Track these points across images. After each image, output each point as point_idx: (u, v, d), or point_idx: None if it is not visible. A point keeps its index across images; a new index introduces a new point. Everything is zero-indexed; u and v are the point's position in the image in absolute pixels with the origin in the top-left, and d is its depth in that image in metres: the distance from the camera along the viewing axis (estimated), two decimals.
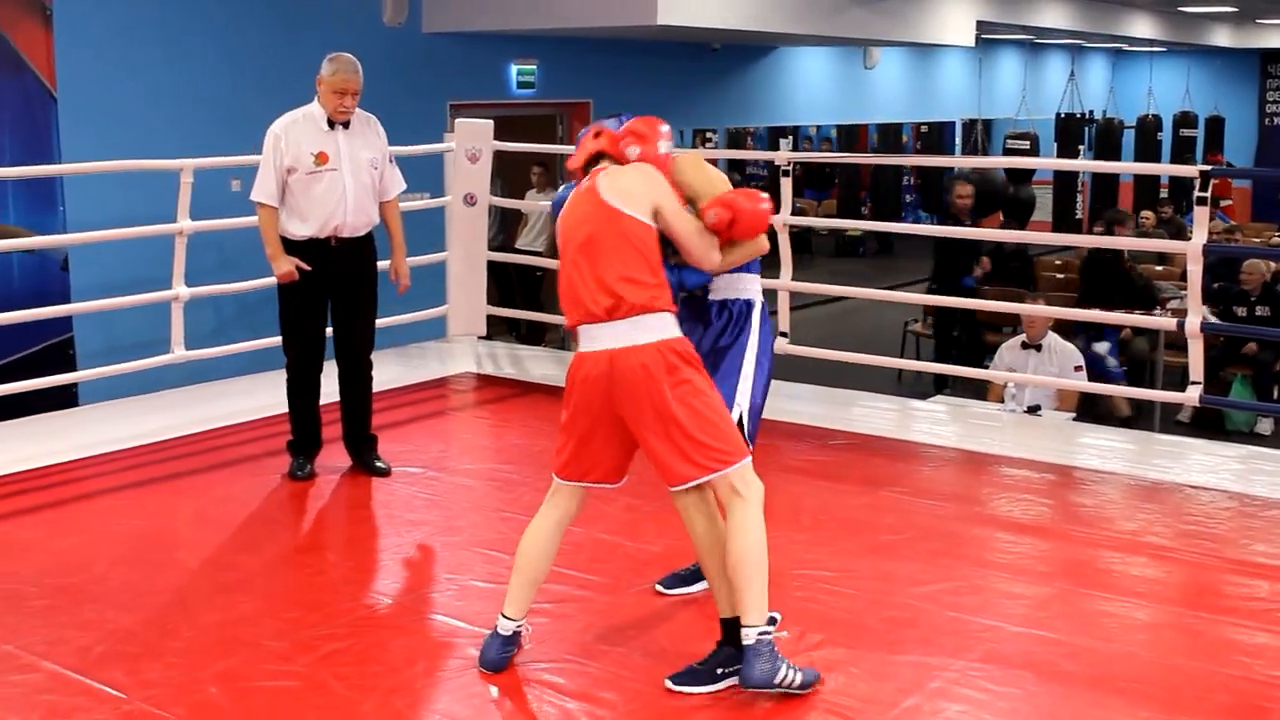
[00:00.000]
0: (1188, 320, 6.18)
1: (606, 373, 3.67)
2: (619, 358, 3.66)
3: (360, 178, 5.62)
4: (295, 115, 5.64)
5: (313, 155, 5.52)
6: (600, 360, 3.69)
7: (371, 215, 5.72)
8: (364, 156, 5.64)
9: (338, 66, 5.57)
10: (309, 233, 5.56)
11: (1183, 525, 5.26)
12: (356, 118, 5.68)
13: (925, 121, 19.77)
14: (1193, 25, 19.90)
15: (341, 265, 5.66)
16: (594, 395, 3.72)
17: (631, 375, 3.64)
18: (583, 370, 3.74)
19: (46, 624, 4.24)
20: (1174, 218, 15.83)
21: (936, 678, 3.89)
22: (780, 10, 11.18)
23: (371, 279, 5.82)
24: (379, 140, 5.76)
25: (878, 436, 6.53)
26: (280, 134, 5.58)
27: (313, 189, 5.53)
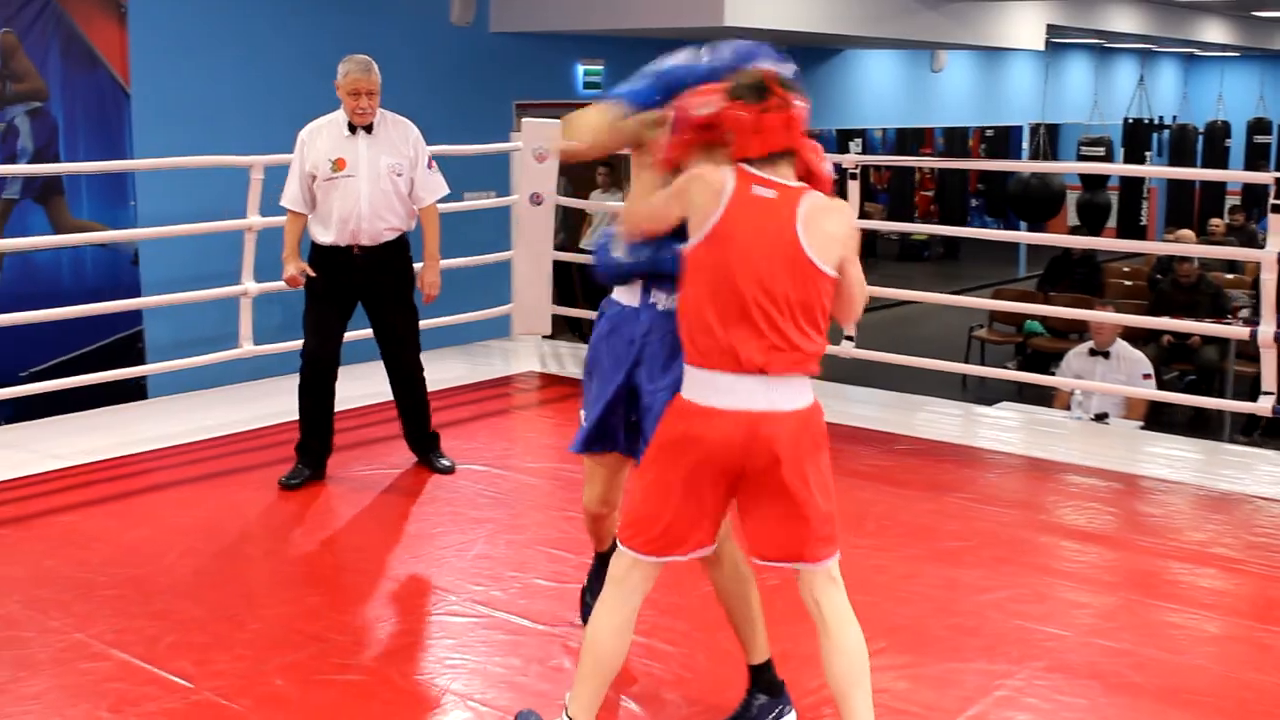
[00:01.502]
0: (1260, 329, 6.11)
1: (745, 441, 3.09)
2: (764, 423, 3.09)
3: (379, 184, 5.48)
4: (322, 120, 5.58)
5: (330, 162, 5.45)
6: (740, 423, 3.09)
7: (394, 222, 5.55)
8: (384, 162, 5.50)
9: (349, 68, 5.46)
10: (330, 239, 5.50)
11: (1252, 537, 5.19)
12: (384, 121, 5.57)
13: (991, 125, 19.64)
14: (1266, 30, 19.64)
15: (368, 274, 5.56)
16: (719, 462, 3.12)
17: (777, 444, 3.09)
18: (711, 430, 3.10)
19: (115, 613, 4.29)
20: (1245, 225, 15.64)
21: (1001, 686, 3.86)
22: (848, 12, 11.14)
23: (402, 284, 5.68)
24: (405, 145, 5.59)
25: (943, 442, 6.49)
26: (305, 139, 5.54)
27: (331, 196, 5.46)
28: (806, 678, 3.76)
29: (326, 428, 5.72)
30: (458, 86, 10.40)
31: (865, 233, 3.78)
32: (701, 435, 3.11)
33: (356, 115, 5.46)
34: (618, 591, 3.25)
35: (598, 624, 3.26)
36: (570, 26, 10.58)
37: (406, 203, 5.59)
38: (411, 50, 10.08)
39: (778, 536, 3.18)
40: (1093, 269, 13.23)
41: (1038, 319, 11.98)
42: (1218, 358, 10.71)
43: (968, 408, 7.58)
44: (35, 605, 4.33)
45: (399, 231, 5.59)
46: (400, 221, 5.59)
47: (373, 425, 6.55)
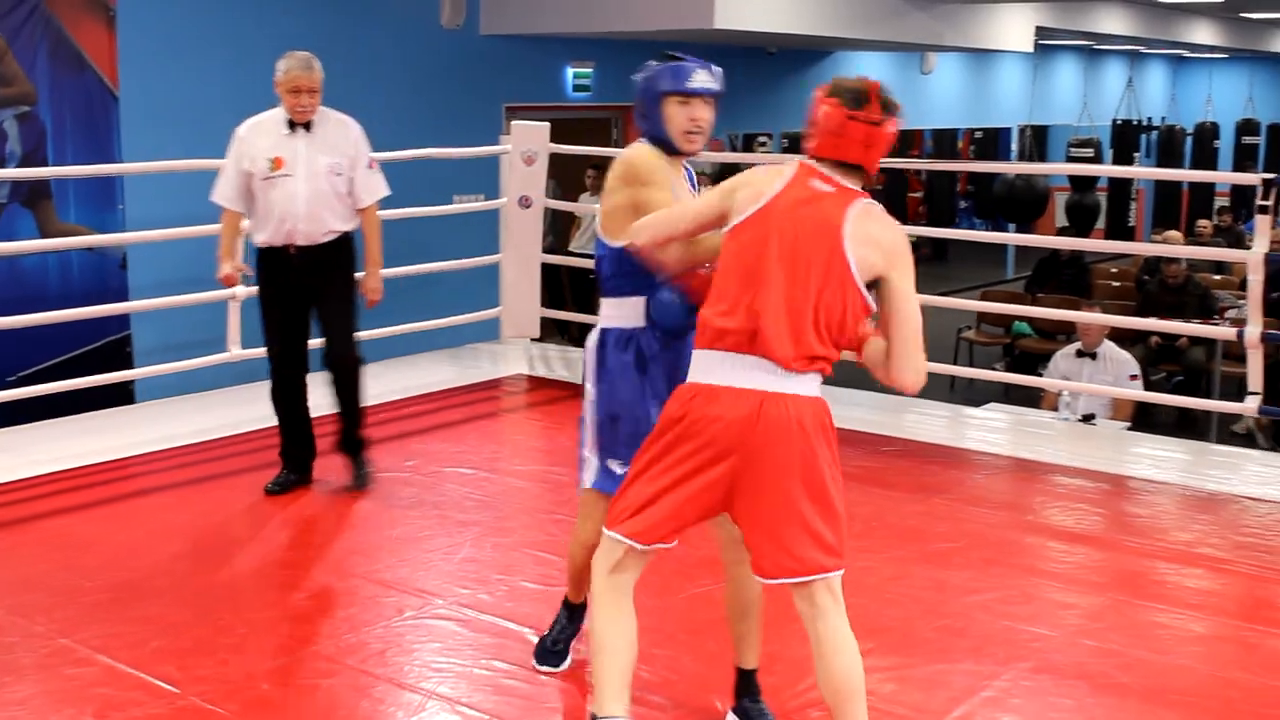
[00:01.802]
0: (1247, 330, 6.12)
1: (749, 416, 2.99)
2: (771, 403, 2.99)
3: (316, 184, 5.35)
4: (261, 117, 5.44)
5: (268, 160, 5.33)
6: (746, 400, 3.00)
7: (332, 224, 5.41)
8: (323, 161, 5.37)
9: (289, 64, 5.31)
10: (266, 239, 5.40)
11: (1239, 537, 5.20)
12: (325, 120, 5.45)
13: (981, 127, 19.66)
14: (1254, 31, 19.67)
15: (304, 275, 5.43)
16: (723, 440, 3.01)
17: (782, 428, 2.98)
18: (714, 407, 3.01)
19: (101, 618, 4.29)
20: (1233, 226, 15.69)
21: (989, 687, 3.87)
22: (838, 14, 11.15)
23: (341, 284, 5.52)
24: (346, 144, 5.46)
25: (931, 443, 6.50)
26: (244, 135, 5.42)
27: (269, 195, 5.34)
28: (794, 681, 3.76)
29: (305, 432, 5.68)
30: (447, 89, 10.39)
31: None
32: (704, 414, 3.01)
33: (297, 113, 5.33)
34: (613, 584, 3.16)
35: (604, 628, 3.15)
36: (560, 29, 10.58)
37: (347, 203, 5.47)
38: (401, 53, 10.07)
39: (782, 543, 3.03)
40: (1080, 270, 13.25)
41: (1025, 320, 12.00)
42: (1205, 358, 10.73)
43: (956, 409, 7.60)
44: (21, 610, 4.32)
45: (337, 233, 5.45)
46: (339, 222, 5.45)
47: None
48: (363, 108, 9.67)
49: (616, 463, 3.52)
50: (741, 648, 3.53)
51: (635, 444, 3.28)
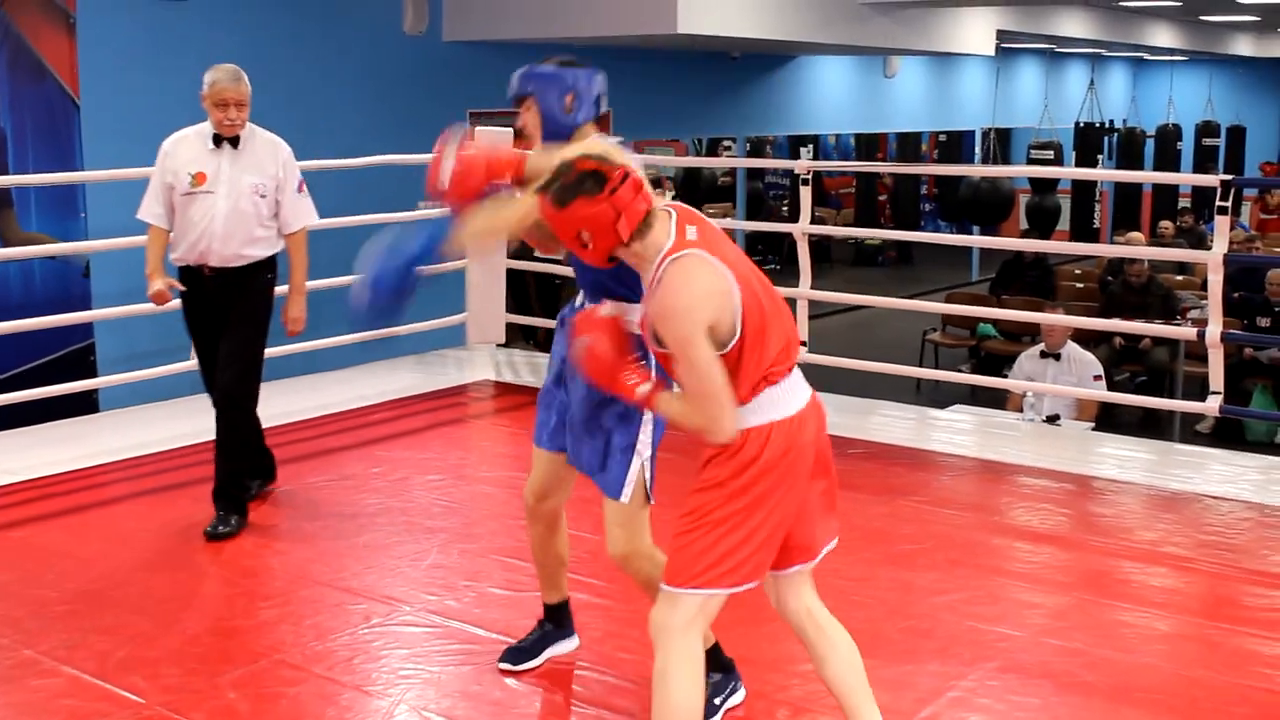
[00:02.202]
0: (1208, 330, 6.17)
1: (820, 422, 3.15)
2: (816, 407, 3.16)
3: (238, 203, 5.11)
4: (187, 131, 5.23)
5: (190, 175, 5.09)
6: (814, 408, 3.14)
7: (251, 247, 5.17)
8: (247, 180, 5.13)
9: (216, 77, 5.08)
10: (181, 257, 5.17)
11: (1202, 536, 5.24)
12: (253, 137, 5.21)
13: (945, 130, 19.76)
14: (1214, 34, 19.85)
15: (217, 298, 5.19)
16: (802, 466, 3.07)
17: (824, 421, 3.18)
18: (804, 433, 3.07)
19: (67, 629, 4.26)
20: (1194, 227, 15.80)
21: (955, 687, 3.89)
22: (800, 19, 11.18)
23: (252, 309, 5.25)
24: (273, 165, 5.21)
25: (896, 445, 6.52)
26: (168, 149, 5.20)
27: (189, 211, 5.10)
28: (768, 684, 3.77)
29: (258, 448, 5.56)
30: (411, 95, 10.37)
31: (819, 238, 3.81)
32: (796, 442, 3.04)
33: (224, 127, 5.10)
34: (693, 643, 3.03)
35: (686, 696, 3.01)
36: (524, 35, 10.57)
37: (269, 227, 5.23)
38: (364, 59, 10.05)
39: (828, 521, 3.23)
40: (1044, 272, 13.33)
41: (990, 322, 12.06)
42: (1168, 359, 10.81)
43: (921, 411, 7.63)
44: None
45: (255, 258, 5.20)
46: (259, 247, 5.21)
47: (325, 436, 6.54)
48: (326, 114, 9.72)
49: None
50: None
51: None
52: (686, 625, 3.01)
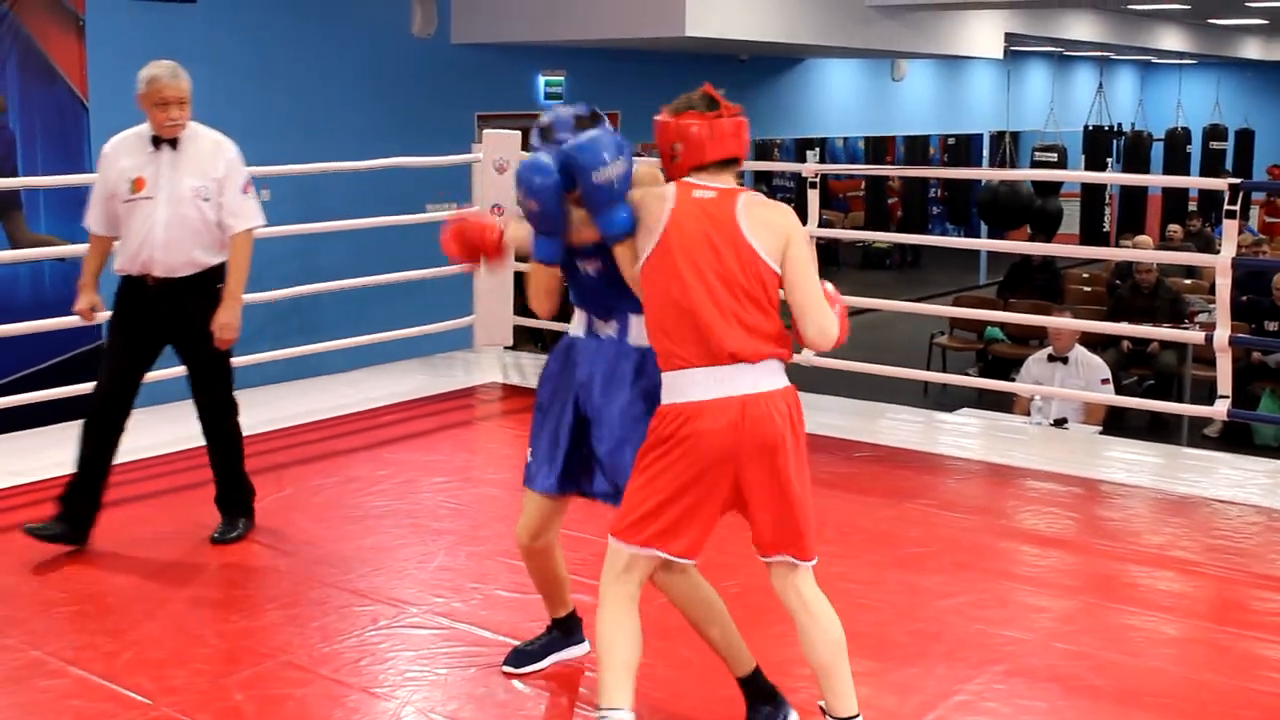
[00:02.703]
0: (1216, 334, 6.16)
1: (733, 424, 3.17)
2: (751, 405, 3.19)
3: (179, 209, 4.83)
4: (128, 133, 4.96)
5: (129, 181, 4.83)
6: (727, 409, 3.18)
7: (196, 254, 4.89)
8: (188, 184, 4.84)
9: (154, 74, 4.81)
10: (123, 266, 4.91)
11: (1210, 540, 5.23)
12: (194, 137, 4.93)
13: (953, 134, 19.75)
14: (1222, 37, 19.83)
15: (163, 309, 4.92)
16: (715, 454, 3.18)
17: (766, 424, 3.19)
18: (701, 422, 3.17)
19: (74, 630, 4.27)
20: (1202, 230, 15.79)
21: (962, 691, 3.88)
22: (808, 22, 11.19)
23: (205, 324, 4.95)
24: (215, 165, 4.92)
25: (904, 449, 6.51)
26: (108, 154, 4.95)
27: (130, 219, 4.84)
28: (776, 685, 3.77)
29: (97, 487, 5.06)
30: (419, 98, 10.40)
31: (827, 241, 3.83)
32: (692, 431, 3.18)
33: (164, 128, 4.82)
34: (618, 591, 3.28)
35: (608, 628, 3.28)
36: (531, 37, 10.60)
37: (216, 232, 4.94)
38: (373, 62, 10.07)
39: (775, 525, 3.25)
40: (1052, 275, 13.33)
41: (998, 325, 12.05)
42: (1176, 362, 10.79)
43: (928, 414, 7.62)
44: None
45: (204, 266, 4.93)
46: (206, 253, 4.92)
47: (333, 438, 6.54)
48: (333, 116, 9.75)
49: (529, 451, 3.78)
50: (728, 657, 3.55)
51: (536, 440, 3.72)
52: (617, 576, 3.27)
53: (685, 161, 3.32)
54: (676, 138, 3.31)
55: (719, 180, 3.32)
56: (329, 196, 9.03)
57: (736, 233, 3.22)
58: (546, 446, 3.72)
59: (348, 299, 8.26)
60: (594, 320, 3.65)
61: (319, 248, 9.04)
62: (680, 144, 3.31)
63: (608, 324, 3.61)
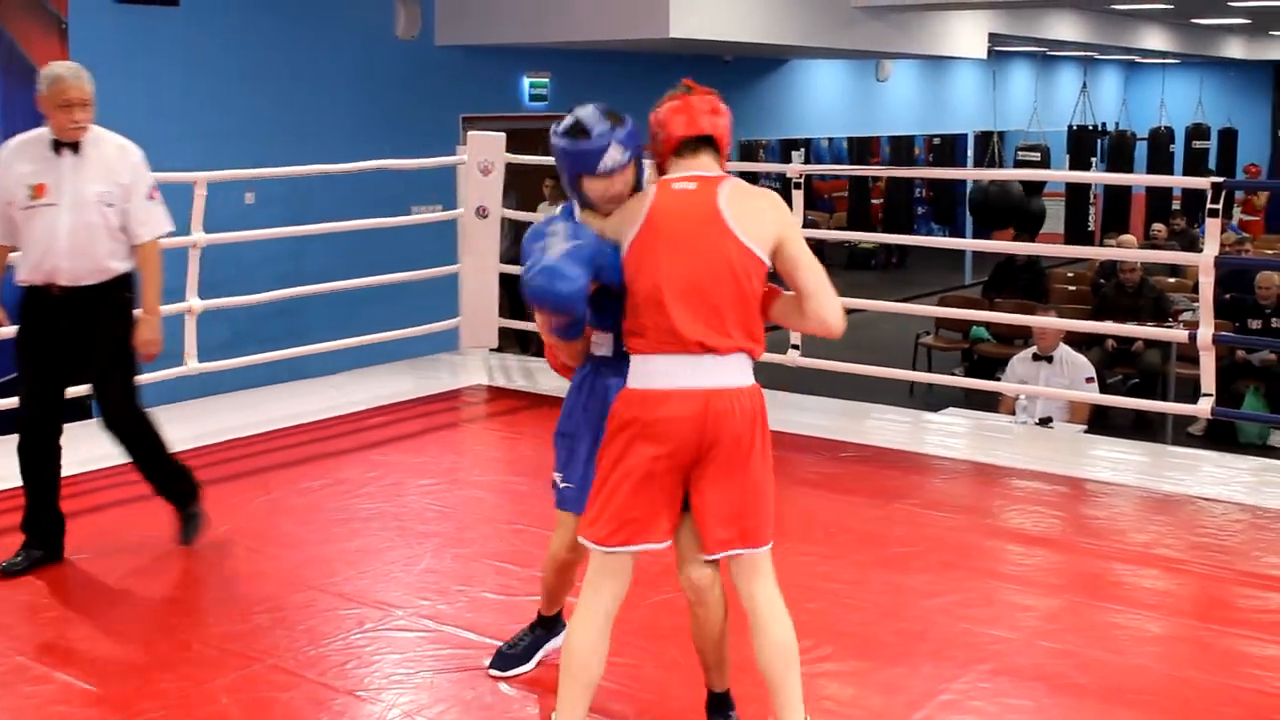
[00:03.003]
0: (1199, 332, 6.18)
1: (698, 418, 3.14)
2: (716, 399, 3.16)
3: (83, 215, 4.63)
4: (26, 137, 4.75)
5: (29, 187, 4.62)
6: (691, 401, 3.15)
7: (103, 261, 4.70)
8: (91, 190, 4.65)
9: (56, 74, 4.64)
10: (26, 276, 4.70)
11: (1194, 538, 5.25)
12: (97, 141, 4.74)
13: (937, 134, 19.78)
14: (1205, 37, 19.89)
15: (69, 320, 4.71)
16: (674, 442, 3.16)
17: (726, 420, 3.15)
18: (663, 412, 3.15)
19: (59, 635, 4.26)
20: (1186, 229, 15.84)
21: (948, 690, 3.89)
22: (792, 23, 11.20)
23: (113, 331, 4.79)
24: (120, 170, 4.74)
25: (889, 449, 6.52)
26: (4, 158, 4.73)
27: (30, 226, 4.64)
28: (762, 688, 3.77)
29: (52, 502, 4.91)
30: (403, 100, 10.38)
31: (813, 241, 3.80)
32: (654, 419, 3.16)
33: (67, 131, 4.63)
34: (591, 595, 3.26)
35: (574, 636, 3.26)
36: (516, 39, 10.59)
37: (121, 239, 4.76)
38: (357, 64, 10.06)
39: (728, 520, 3.20)
40: (1037, 275, 13.35)
41: (983, 325, 12.07)
42: (1160, 361, 10.82)
43: (914, 414, 7.63)
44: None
45: (111, 274, 4.74)
46: (113, 260, 4.74)
47: (320, 440, 6.53)
48: (317, 119, 9.73)
49: (559, 476, 3.65)
50: (714, 672, 3.54)
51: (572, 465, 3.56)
52: (590, 574, 3.28)
53: (662, 146, 3.33)
54: (655, 126, 3.34)
55: (698, 167, 3.29)
56: (314, 199, 9.01)
57: (719, 222, 3.19)
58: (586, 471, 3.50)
59: (333, 301, 8.24)
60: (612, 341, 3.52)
61: (305, 250, 9.03)
62: (660, 131, 3.33)
63: None
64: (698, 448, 3.16)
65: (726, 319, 3.17)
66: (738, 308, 3.19)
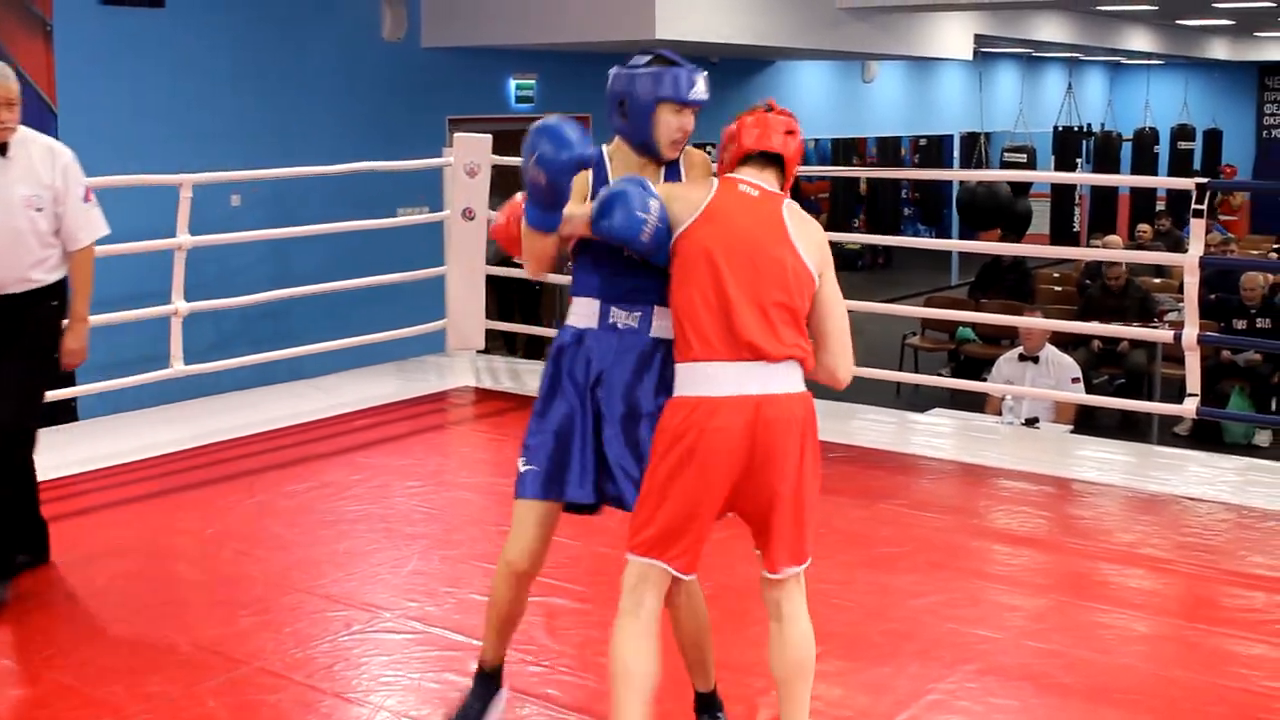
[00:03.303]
0: (1185, 332, 6.20)
1: (748, 424, 3.06)
2: (768, 406, 3.09)
3: (10, 220, 4.42)
4: None
5: None
6: (743, 409, 3.07)
7: (30, 269, 4.49)
8: (19, 193, 4.44)
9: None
10: None
11: (1180, 537, 5.26)
12: (24, 143, 4.52)
13: (924, 135, 19.82)
14: (1190, 38, 19.95)
15: None
16: (725, 453, 3.06)
17: (781, 428, 3.08)
18: (716, 419, 3.05)
19: (46, 638, 4.25)
20: (1171, 230, 15.87)
21: (934, 690, 3.90)
22: (779, 24, 11.21)
23: (32, 341, 4.56)
24: (50, 173, 4.52)
25: (876, 449, 6.53)
26: None
27: None
28: (748, 688, 3.78)
29: (32, 504, 4.76)
30: (390, 102, 10.38)
31: None
32: (708, 426, 3.05)
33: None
34: (634, 605, 3.12)
35: (624, 654, 3.12)
36: (502, 41, 10.58)
37: (52, 244, 4.54)
38: (343, 66, 10.05)
39: (787, 538, 3.13)
40: (1022, 275, 13.38)
41: (969, 326, 12.10)
42: (1146, 361, 10.85)
43: (901, 415, 7.64)
44: None
45: (37, 282, 4.52)
46: (41, 268, 4.53)
47: (306, 443, 6.52)
48: (304, 120, 9.72)
49: (522, 460, 3.37)
50: (697, 672, 3.52)
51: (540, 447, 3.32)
52: (632, 587, 3.13)
53: (732, 153, 3.30)
54: (728, 139, 3.31)
55: (763, 180, 3.24)
56: (301, 201, 9.00)
57: (782, 232, 3.14)
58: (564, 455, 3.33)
59: (320, 303, 8.24)
60: (611, 309, 3.32)
61: (291, 252, 9.02)
62: (730, 142, 3.31)
63: (630, 314, 3.30)
64: (749, 457, 3.06)
65: (781, 327, 3.11)
66: (791, 318, 3.13)
